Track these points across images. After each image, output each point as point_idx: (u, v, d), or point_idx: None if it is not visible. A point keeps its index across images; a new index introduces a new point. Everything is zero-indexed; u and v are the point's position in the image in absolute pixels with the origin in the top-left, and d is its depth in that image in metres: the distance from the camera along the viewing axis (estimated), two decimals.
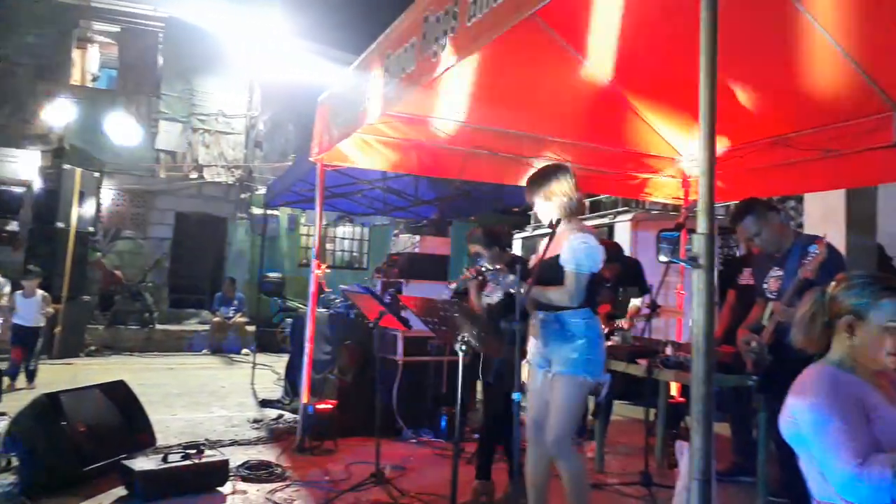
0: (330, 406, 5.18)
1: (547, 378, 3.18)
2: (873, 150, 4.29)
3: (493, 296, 3.92)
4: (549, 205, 3.22)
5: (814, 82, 4.27)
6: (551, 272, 3.13)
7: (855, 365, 1.90)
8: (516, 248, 10.49)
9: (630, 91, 5.14)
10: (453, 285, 3.84)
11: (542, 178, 3.27)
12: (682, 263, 1.92)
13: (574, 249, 3.08)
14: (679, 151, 5.75)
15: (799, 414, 1.82)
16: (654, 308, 4.43)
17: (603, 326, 3.31)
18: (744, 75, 4.25)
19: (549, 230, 3.10)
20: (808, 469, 1.85)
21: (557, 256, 3.13)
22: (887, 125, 4.17)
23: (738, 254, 7.26)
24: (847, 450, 1.68)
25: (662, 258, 7.68)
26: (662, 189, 5.97)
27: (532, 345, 3.32)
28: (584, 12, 4.43)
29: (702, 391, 1.75)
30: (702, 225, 1.78)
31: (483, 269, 3.46)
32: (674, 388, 5.45)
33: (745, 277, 4.60)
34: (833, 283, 1.99)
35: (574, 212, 3.24)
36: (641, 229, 7.94)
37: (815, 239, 3.39)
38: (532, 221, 10.84)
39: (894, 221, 8.64)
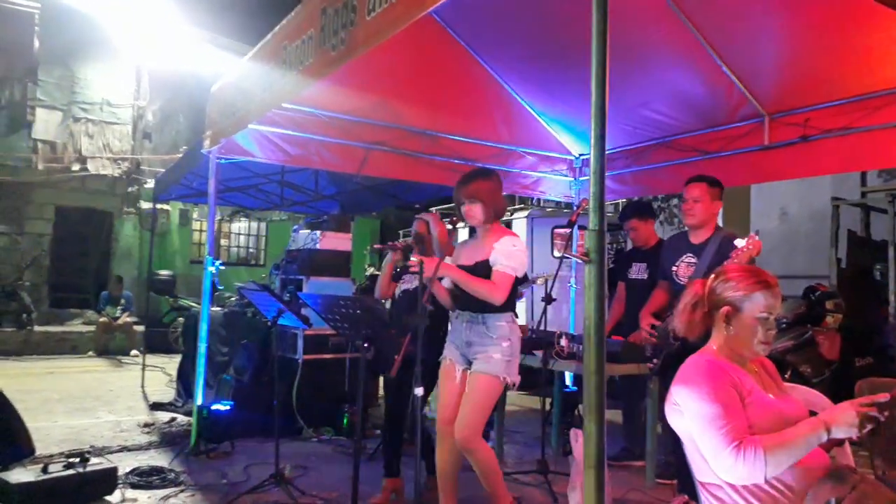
0: (226, 407, 5.02)
1: (465, 376, 3.28)
2: (746, 153, 4.64)
3: (414, 282, 3.97)
4: (476, 207, 3.31)
5: (694, 90, 4.56)
6: (477, 276, 3.23)
7: (731, 353, 2.03)
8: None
9: (526, 92, 5.29)
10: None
11: (479, 179, 3.36)
12: (575, 258, 2.00)
13: (505, 252, 3.21)
14: (571, 151, 5.97)
15: (682, 401, 1.93)
16: (549, 301, 4.58)
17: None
18: (630, 80, 4.46)
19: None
20: (691, 453, 1.97)
21: (483, 262, 3.25)
22: (759, 130, 4.52)
23: (626, 248, 7.61)
24: (725, 433, 1.79)
25: (556, 253, 7.93)
26: (556, 187, 6.19)
27: (450, 343, 3.41)
28: (481, 14, 4.52)
29: (594, 381, 1.81)
30: (593, 222, 1.85)
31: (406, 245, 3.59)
32: (568, 378, 5.66)
33: (635, 272, 4.84)
34: (712, 276, 2.12)
35: (499, 215, 3.38)
36: (537, 226, 8.17)
37: (738, 235, 3.42)
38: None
39: (765, 220, 9.34)
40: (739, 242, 3.21)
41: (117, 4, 12.46)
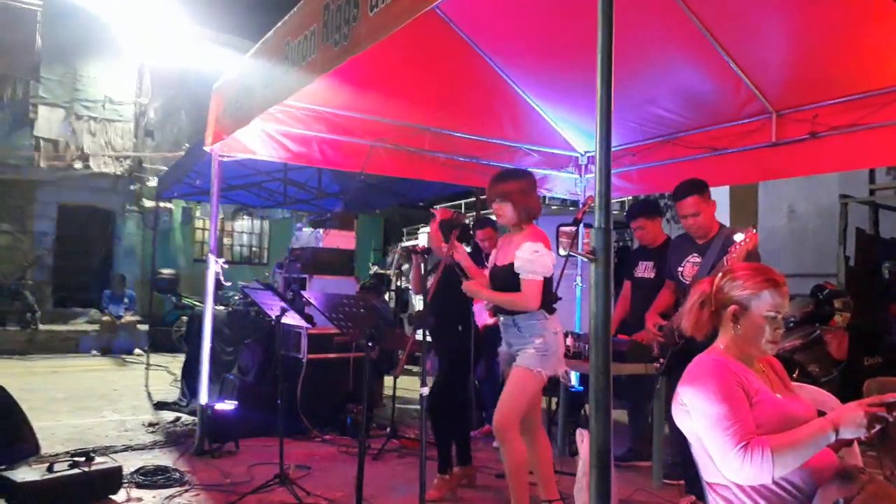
0: (230, 407, 5.01)
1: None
2: (754, 150, 4.61)
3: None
4: (506, 206, 3.32)
5: (701, 86, 4.52)
6: (504, 279, 3.29)
7: (739, 352, 2.01)
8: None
9: (531, 88, 5.26)
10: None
11: (509, 179, 3.38)
12: (581, 257, 1.97)
13: (527, 260, 3.22)
14: (577, 149, 5.94)
15: (689, 401, 1.91)
16: (555, 299, 4.55)
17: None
18: (636, 77, 4.43)
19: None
20: (698, 453, 1.95)
21: (510, 265, 3.27)
22: (767, 127, 4.48)
23: (632, 247, 7.57)
24: (733, 434, 1.78)
25: (562, 252, 7.90)
26: (561, 185, 6.16)
27: (502, 349, 3.47)
28: (486, 10, 4.49)
29: (600, 380, 1.79)
30: (598, 220, 1.83)
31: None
32: (574, 378, 5.63)
33: (641, 270, 4.81)
34: (719, 275, 2.10)
35: (531, 215, 3.40)
36: (542, 223, 8.13)
37: (740, 230, 3.41)
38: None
39: (773, 218, 9.30)
40: (738, 237, 3.21)
41: (119, 2, 12.48)
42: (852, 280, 7.22)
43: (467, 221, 4.19)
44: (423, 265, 4.25)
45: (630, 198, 7.99)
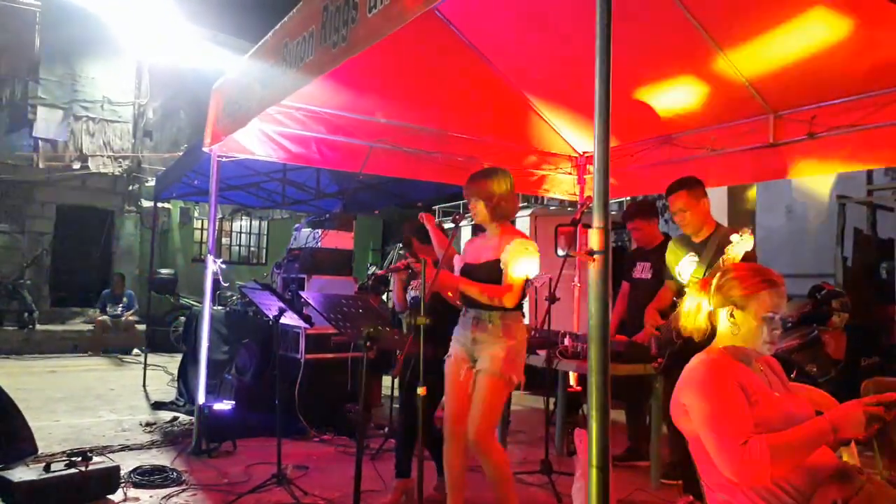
0: (228, 407, 5.01)
1: (470, 374, 3.23)
2: (752, 150, 4.61)
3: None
4: (479, 205, 3.28)
5: (699, 86, 4.52)
6: (479, 277, 3.21)
7: (737, 352, 2.01)
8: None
9: (529, 89, 5.26)
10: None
11: (482, 178, 3.33)
12: (579, 257, 1.98)
13: (517, 254, 3.15)
14: (576, 149, 5.95)
15: (687, 400, 1.91)
16: (552, 300, 4.55)
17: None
18: (635, 78, 4.44)
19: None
20: (697, 452, 1.95)
21: (493, 261, 3.20)
22: (765, 127, 4.49)
23: (629, 248, 7.58)
24: (731, 433, 1.78)
25: (560, 252, 7.90)
26: (560, 185, 6.16)
27: (456, 340, 3.35)
28: (485, 11, 4.49)
29: (598, 380, 1.80)
30: (597, 220, 1.83)
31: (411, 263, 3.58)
32: (572, 378, 5.64)
33: (638, 272, 4.81)
34: (717, 275, 2.10)
35: (507, 215, 3.34)
36: (540, 224, 8.15)
37: (737, 230, 3.35)
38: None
39: (771, 218, 9.30)
40: (734, 237, 3.21)
41: (118, 3, 12.47)
42: (850, 280, 7.24)
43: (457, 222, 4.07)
44: (404, 281, 4.24)
45: (628, 198, 7.99)
